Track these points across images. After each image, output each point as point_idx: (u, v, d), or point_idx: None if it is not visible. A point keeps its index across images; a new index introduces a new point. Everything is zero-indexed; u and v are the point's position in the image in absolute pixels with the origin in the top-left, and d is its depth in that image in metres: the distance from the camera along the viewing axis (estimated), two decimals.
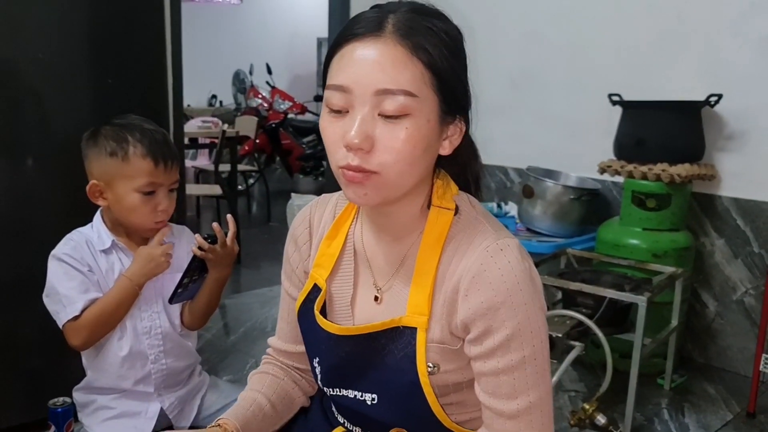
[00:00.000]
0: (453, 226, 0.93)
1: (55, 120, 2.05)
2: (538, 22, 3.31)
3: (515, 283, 0.86)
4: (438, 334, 0.92)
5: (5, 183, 2.01)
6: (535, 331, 0.87)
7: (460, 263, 0.90)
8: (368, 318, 0.99)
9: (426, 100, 0.84)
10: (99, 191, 1.41)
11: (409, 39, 0.83)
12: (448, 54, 0.86)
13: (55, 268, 1.39)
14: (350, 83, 0.83)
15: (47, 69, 2.01)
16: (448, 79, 0.86)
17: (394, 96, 0.82)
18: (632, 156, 2.72)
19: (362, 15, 0.88)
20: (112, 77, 2.11)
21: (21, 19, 1.94)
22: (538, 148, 3.30)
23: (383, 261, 0.99)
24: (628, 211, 2.72)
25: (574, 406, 2.47)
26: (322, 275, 1.02)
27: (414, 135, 0.83)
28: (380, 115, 0.83)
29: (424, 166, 0.89)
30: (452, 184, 0.97)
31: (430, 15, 0.88)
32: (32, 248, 2.05)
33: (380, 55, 0.83)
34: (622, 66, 3.01)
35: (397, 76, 0.82)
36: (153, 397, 1.44)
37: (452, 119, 0.89)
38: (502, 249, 0.88)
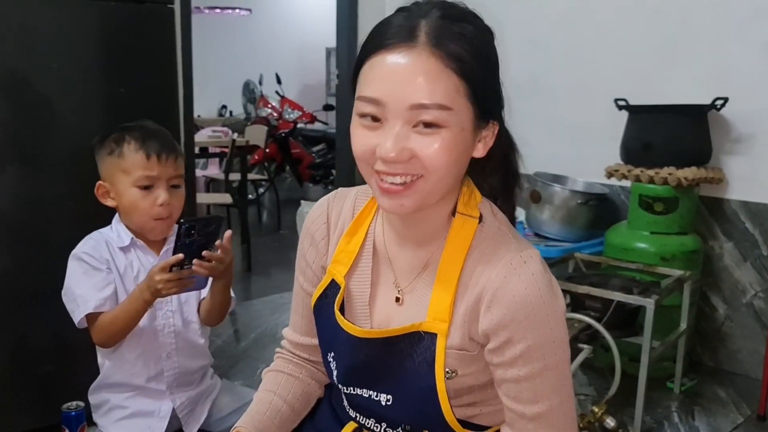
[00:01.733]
0: (477, 234, 0.93)
1: (68, 128, 2.09)
2: (543, 29, 3.33)
3: (538, 297, 0.87)
4: (458, 341, 0.92)
5: (19, 190, 2.05)
6: (557, 341, 0.89)
7: (483, 273, 0.90)
8: (386, 318, 1.00)
9: (460, 111, 0.84)
10: (105, 191, 1.45)
11: (442, 49, 0.82)
12: (480, 60, 0.85)
13: (75, 267, 1.43)
14: (383, 96, 0.83)
15: (60, 78, 2.05)
16: (481, 87, 0.86)
17: (428, 110, 0.82)
18: (639, 160, 2.73)
19: (392, 21, 0.87)
20: (124, 86, 2.16)
21: (34, 30, 1.99)
22: (545, 154, 3.31)
23: (406, 263, 0.99)
24: (635, 215, 2.72)
25: (583, 409, 2.47)
26: (341, 272, 1.02)
27: (449, 144, 0.84)
28: (415, 127, 0.83)
29: (459, 171, 0.91)
30: (476, 191, 0.97)
31: (462, 19, 0.87)
32: (45, 255, 2.09)
33: (414, 68, 0.82)
34: (627, 71, 3.03)
35: (431, 90, 0.81)
36: (165, 395, 1.47)
37: (485, 124, 0.90)
38: (525, 261, 0.89)
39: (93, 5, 2.09)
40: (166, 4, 2.22)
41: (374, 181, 0.88)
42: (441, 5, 0.87)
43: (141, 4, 2.17)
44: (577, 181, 3.15)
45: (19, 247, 2.08)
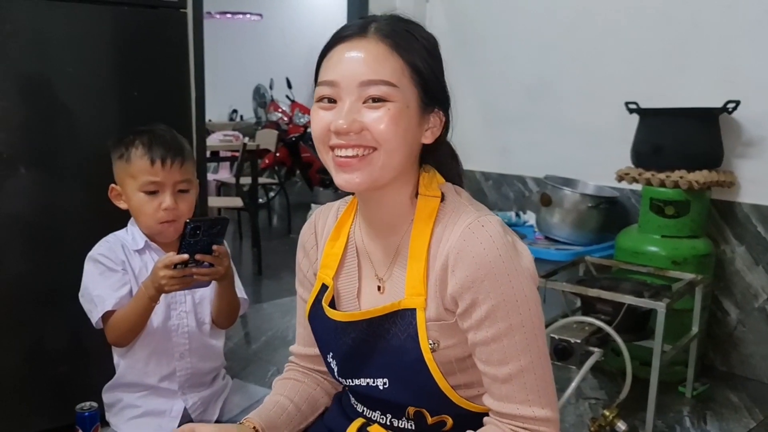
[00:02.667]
0: (440, 210, 1.00)
1: (82, 132, 2.11)
2: (553, 33, 3.33)
3: (497, 256, 0.92)
4: (434, 312, 0.97)
5: (34, 193, 2.07)
6: (522, 300, 0.92)
7: (448, 242, 0.96)
8: (373, 306, 1.04)
9: (405, 90, 0.94)
10: (118, 194, 1.47)
11: (389, 38, 0.95)
12: (425, 53, 0.97)
13: (91, 268, 1.45)
14: (337, 77, 0.94)
15: (74, 82, 2.08)
16: (425, 74, 0.96)
17: (376, 85, 0.92)
18: (650, 163, 2.72)
19: (349, 23, 1.00)
20: (138, 90, 2.18)
21: (49, 34, 2.01)
22: (556, 157, 3.31)
23: (381, 253, 1.05)
24: (646, 218, 2.72)
25: (594, 413, 2.46)
26: (329, 274, 1.09)
27: (395, 116, 0.93)
28: (365, 102, 0.93)
29: (409, 150, 0.97)
30: (438, 176, 1.04)
31: (409, 22, 1.00)
32: (60, 257, 2.12)
33: (364, 52, 0.94)
34: (638, 74, 3.02)
35: (378, 69, 0.93)
36: (177, 395, 1.48)
37: (431, 110, 0.98)
38: (483, 225, 0.94)
39: (107, 10, 2.12)
40: (178, 9, 2.24)
41: (330, 158, 0.96)
42: (392, 15, 1.00)
43: (154, 9, 2.19)
44: (588, 184, 3.14)
45: (34, 250, 2.11)
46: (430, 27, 1.03)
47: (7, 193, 2.02)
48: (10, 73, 1.96)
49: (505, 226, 0.97)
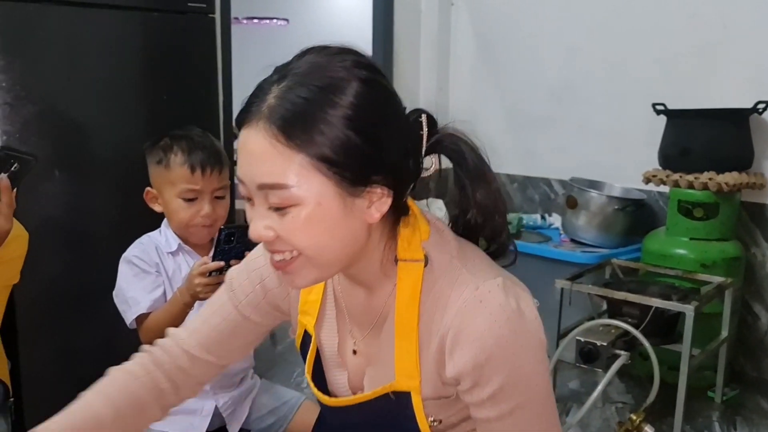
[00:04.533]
0: (425, 278, 0.86)
1: (113, 135, 2.16)
2: (579, 35, 3.31)
3: (499, 336, 0.81)
4: (432, 391, 0.88)
5: (66, 196, 2.12)
6: (528, 378, 0.83)
7: (443, 319, 0.84)
8: (357, 371, 0.96)
9: (312, 186, 0.76)
10: (154, 197, 1.50)
11: (283, 128, 0.75)
12: (340, 131, 0.76)
13: (125, 270, 1.48)
14: (241, 176, 0.80)
15: (105, 87, 2.12)
16: (341, 159, 0.76)
17: (272, 191, 0.77)
18: (678, 165, 2.69)
19: (257, 87, 0.81)
20: (166, 94, 2.22)
21: (80, 40, 2.06)
22: (582, 160, 3.29)
23: (361, 314, 0.94)
24: (674, 220, 2.68)
25: (621, 417, 2.44)
26: (310, 322, 0.98)
27: (308, 224, 0.78)
28: (270, 208, 0.79)
29: (346, 243, 0.82)
30: (422, 227, 0.88)
31: (325, 79, 0.78)
32: (91, 259, 2.16)
33: (255, 147, 0.77)
34: (665, 75, 2.99)
35: (272, 170, 0.76)
36: (209, 395, 1.51)
37: (363, 189, 0.79)
38: (481, 300, 0.82)
39: (137, 16, 2.16)
40: (207, 14, 2.28)
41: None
42: (309, 64, 0.80)
43: (183, 15, 2.23)
44: (614, 186, 3.12)
45: (66, 252, 2.15)
46: (455, 30, 0.90)
47: (39, 196, 2.06)
48: (43, 78, 2.01)
49: (511, 285, 0.84)
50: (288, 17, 8.74)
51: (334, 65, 0.79)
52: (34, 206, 2.01)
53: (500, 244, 0.92)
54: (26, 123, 1.97)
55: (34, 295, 2.09)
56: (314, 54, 0.81)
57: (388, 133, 0.81)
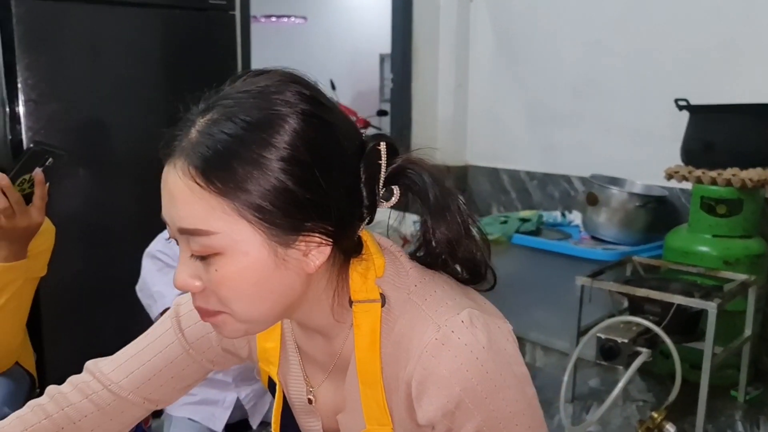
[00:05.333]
0: (384, 320, 0.78)
1: (135, 131, 2.19)
2: (601, 31, 3.29)
3: (466, 381, 0.73)
4: None
5: (89, 192, 2.15)
6: (507, 419, 0.76)
7: (407, 365, 0.76)
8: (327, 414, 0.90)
9: (236, 234, 0.68)
10: None
11: (202, 168, 0.67)
12: (269, 174, 0.67)
13: (149, 264, 1.50)
14: (164, 216, 0.72)
15: (127, 83, 2.15)
16: (272, 205, 0.67)
17: (192, 236, 0.69)
18: (701, 161, 2.66)
19: (183, 118, 0.73)
20: (188, 91, 2.24)
21: (102, 37, 2.09)
22: (602, 157, 3.26)
23: (320, 358, 0.87)
24: (696, 217, 2.65)
25: (641, 415, 2.42)
26: (273, 370, 0.91)
27: (233, 277, 0.69)
28: (193, 255, 0.71)
29: (279, 296, 0.73)
30: (376, 261, 0.79)
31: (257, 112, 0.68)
32: (115, 255, 2.19)
33: (172, 188, 0.69)
34: (687, 71, 2.96)
35: (190, 214, 0.68)
36: (231, 387, 1.52)
37: (297, 236, 0.70)
38: (443, 343, 0.74)
39: (157, 13, 2.19)
40: (227, 12, 2.30)
41: None
42: (234, 94, 0.71)
43: (203, 12, 2.25)
44: (635, 183, 3.09)
45: (89, 247, 2.19)
46: (474, 26, 0.81)
47: (62, 191, 2.10)
48: (66, 75, 2.05)
49: (474, 316, 0.75)
50: (306, 15, 8.77)
51: (270, 96, 0.69)
52: (57, 202, 2.04)
53: (476, 272, 0.82)
54: (50, 119, 2.00)
55: (58, 289, 2.13)
56: (248, 80, 0.72)
57: (329, 175, 0.70)
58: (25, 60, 1.95)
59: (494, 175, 3.71)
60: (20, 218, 1.21)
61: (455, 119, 3.83)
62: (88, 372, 0.93)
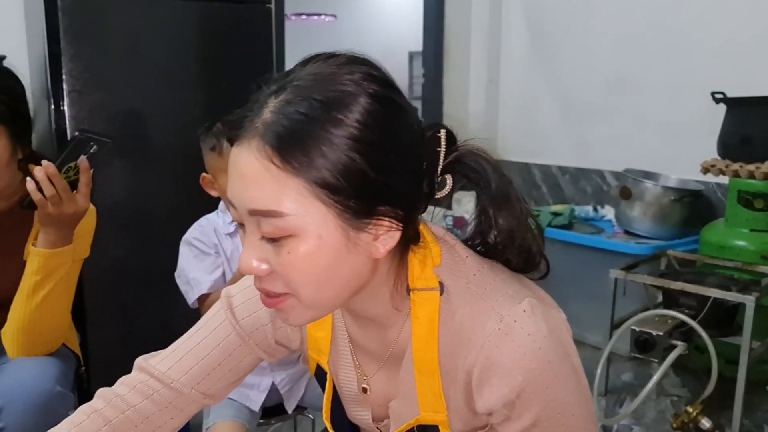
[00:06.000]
0: (442, 308, 0.78)
1: (173, 122, 2.23)
2: (635, 24, 3.25)
3: (529, 371, 0.74)
4: (462, 425, 0.82)
5: (129, 181, 2.20)
6: (565, 409, 0.77)
7: (467, 354, 0.77)
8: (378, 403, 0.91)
9: (311, 216, 0.68)
10: (209, 182, 1.54)
11: (278, 148, 0.67)
12: (344, 154, 0.67)
13: (186, 251, 1.53)
14: (231, 198, 0.72)
15: (165, 75, 2.19)
16: (344, 186, 0.68)
17: (265, 218, 0.69)
18: (738, 155, 2.62)
19: (251, 99, 0.73)
20: (225, 82, 2.27)
21: (140, 30, 2.14)
22: (636, 151, 3.23)
23: (373, 348, 0.87)
24: (734, 211, 2.62)
25: (676, 410, 2.40)
26: (323, 359, 0.92)
27: (305, 260, 0.69)
28: (263, 237, 0.70)
29: (346, 281, 0.73)
30: (433, 251, 0.80)
31: (329, 93, 0.69)
32: (153, 242, 2.24)
33: (245, 169, 0.69)
34: (724, 64, 2.92)
35: (265, 195, 0.68)
36: (267, 371, 1.55)
37: (369, 220, 0.71)
38: (506, 333, 0.74)
39: (195, 5, 2.23)
40: (264, 4, 2.33)
41: None
42: (306, 76, 0.71)
43: (242, 4, 2.29)
44: (669, 177, 3.06)
45: (130, 235, 2.24)
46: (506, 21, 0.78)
47: (104, 180, 2.14)
48: (109, 66, 2.09)
49: (535, 306, 0.76)
50: (336, 13, 8.81)
51: (341, 77, 0.70)
52: (99, 190, 2.08)
53: (531, 261, 0.83)
54: (93, 110, 2.05)
55: (100, 275, 2.18)
56: (319, 63, 0.72)
57: (399, 157, 0.71)
58: (71, 51, 2.00)
59: (526, 170, 3.70)
60: (67, 205, 1.25)
61: (487, 114, 3.82)
62: (143, 371, 0.90)
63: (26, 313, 1.31)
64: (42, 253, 1.28)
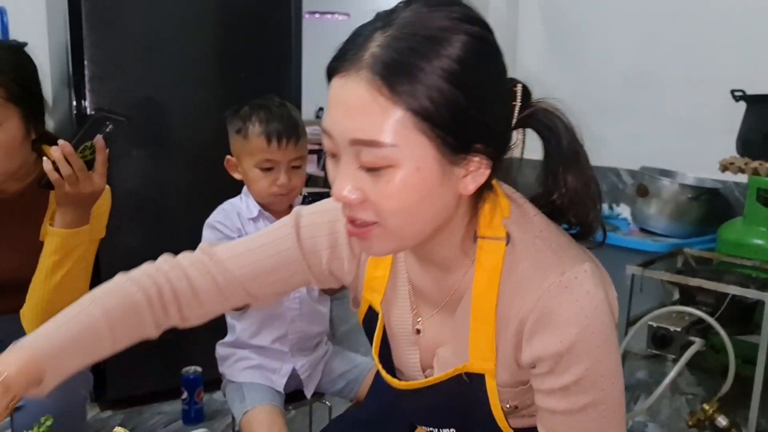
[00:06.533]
0: (507, 258, 0.80)
1: (191, 110, 2.23)
2: (655, 22, 3.24)
3: (584, 326, 0.76)
4: (508, 378, 0.84)
5: (146, 169, 2.20)
6: (607, 374, 0.78)
7: (522, 304, 0.79)
8: (427, 348, 0.92)
9: (412, 147, 0.71)
10: (234, 165, 1.54)
11: (387, 79, 0.69)
12: (447, 87, 0.70)
13: (209, 235, 1.52)
14: (330, 128, 0.74)
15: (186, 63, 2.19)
16: (445, 119, 0.70)
17: (367, 148, 0.71)
18: (758, 152, 2.60)
19: (353, 33, 0.75)
20: (244, 72, 2.27)
21: (159, 19, 2.13)
22: (652, 149, 3.21)
23: (430, 292, 0.89)
24: (752, 209, 2.59)
25: (692, 407, 2.38)
26: (377, 299, 0.93)
27: (403, 190, 0.72)
28: (362, 166, 0.73)
29: (433, 215, 0.76)
30: (502, 204, 0.82)
31: (432, 30, 0.71)
32: (168, 231, 2.24)
33: (351, 99, 0.71)
34: (743, 61, 2.90)
35: (369, 125, 0.70)
36: (287, 357, 1.55)
37: (465, 156, 0.74)
38: (567, 286, 0.76)
39: None
40: None
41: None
42: (410, 14, 0.73)
43: None
44: (686, 175, 3.04)
45: (147, 222, 2.23)
46: (522, 15, 0.81)
47: (120, 168, 2.15)
48: (129, 53, 2.09)
49: (597, 274, 0.79)
50: (349, 12, 8.82)
51: (443, 17, 0.72)
52: (117, 180, 2.08)
53: (587, 226, 0.85)
54: (115, 96, 2.05)
55: (117, 265, 2.17)
56: (420, 4, 0.75)
57: (494, 95, 0.75)
58: (92, 37, 2.01)
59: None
60: (84, 184, 1.24)
61: None
62: (205, 253, 0.95)
63: (45, 293, 1.31)
64: (60, 233, 1.28)
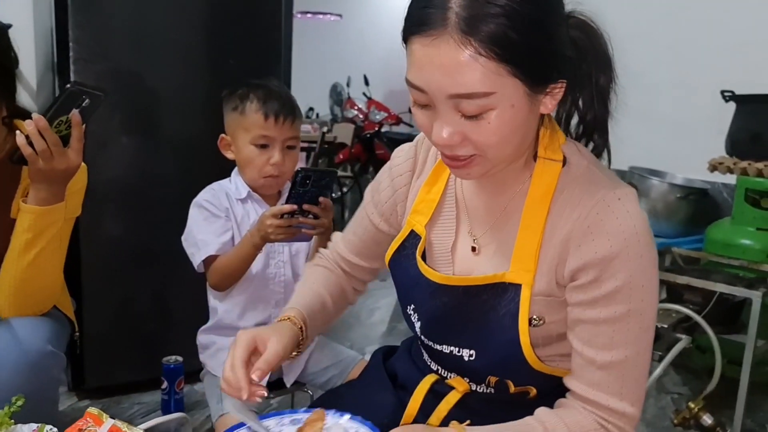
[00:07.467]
0: (562, 178, 0.89)
1: (178, 97, 2.19)
2: (645, 22, 3.24)
3: (633, 233, 0.83)
4: (544, 287, 0.89)
5: (130, 158, 2.17)
6: (647, 285, 0.85)
7: (573, 213, 0.86)
8: (468, 268, 0.97)
9: (505, 89, 0.78)
10: (227, 144, 1.52)
11: (474, 35, 0.75)
12: (525, 32, 0.77)
13: (195, 213, 1.50)
14: (424, 85, 0.80)
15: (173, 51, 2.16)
16: (528, 61, 0.78)
17: (468, 100, 0.78)
18: (747, 153, 2.60)
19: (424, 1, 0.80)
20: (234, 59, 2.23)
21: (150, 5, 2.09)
22: (641, 150, 3.20)
23: (483, 210, 0.97)
24: (740, 210, 2.59)
25: (677, 406, 2.37)
26: (421, 222, 1.01)
27: (501, 126, 0.80)
28: (460, 113, 0.80)
29: (523, 137, 0.86)
30: (559, 132, 0.93)
31: None
32: (152, 220, 2.20)
33: (445, 59, 0.77)
34: (733, 62, 2.91)
35: (466, 80, 0.77)
36: None
37: (545, 85, 0.83)
38: (620, 198, 0.85)
39: None
40: None
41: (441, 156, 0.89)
42: None
43: None
44: (675, 176, 3.04)
45: (132, 211, 2.20)
46: None
47: (105, 156, 2.11)
48: (115, 36, 2.05)
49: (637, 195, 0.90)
50: (342, 12, 8.81)
51: None
52: (101, 167, 2.06)
53: (602, 142, 0.98)
54: (100, 79, 2.01)
55: (98, 253, 2.14)
56: None
57: (562, 25, 0.85)
58: (77, 18, 1.97)
59: None
60: (58, 160, 1.19)
61: None
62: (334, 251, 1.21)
63: (18, 271, 1.26)
64: (33, 210, 1.24)
